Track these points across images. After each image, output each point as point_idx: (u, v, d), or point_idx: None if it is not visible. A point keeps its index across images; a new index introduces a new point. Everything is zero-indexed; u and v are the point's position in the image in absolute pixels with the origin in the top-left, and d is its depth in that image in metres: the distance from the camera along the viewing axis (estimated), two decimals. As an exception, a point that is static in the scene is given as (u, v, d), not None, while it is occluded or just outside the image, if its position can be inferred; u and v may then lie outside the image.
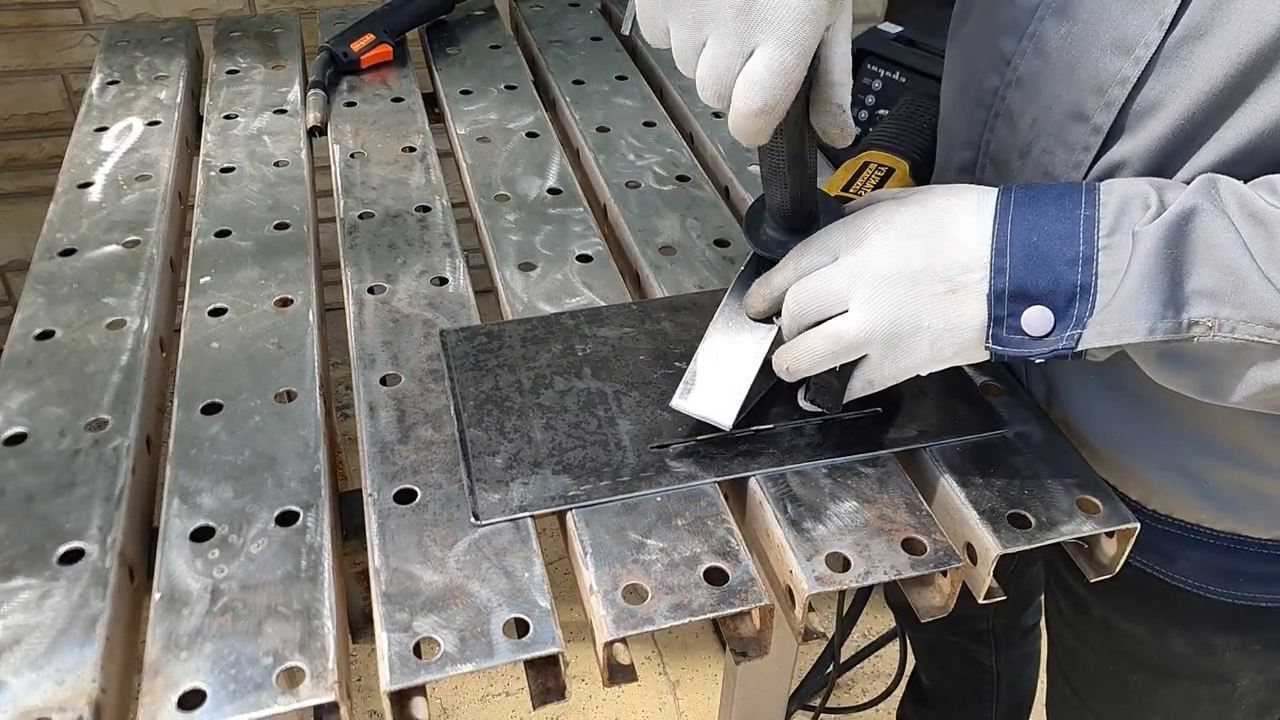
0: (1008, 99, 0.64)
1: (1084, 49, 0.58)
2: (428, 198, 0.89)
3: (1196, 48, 0.53)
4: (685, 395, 0.63)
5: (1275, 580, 0.70)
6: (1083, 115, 0.59)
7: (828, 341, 0.57)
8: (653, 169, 0.94)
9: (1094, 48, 0.58)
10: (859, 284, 0.56)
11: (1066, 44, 0.59)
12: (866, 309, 0.55)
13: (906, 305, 0.55)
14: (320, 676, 0.51)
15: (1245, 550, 0.69)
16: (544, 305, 0.77)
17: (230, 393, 0.67)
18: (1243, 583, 0.70)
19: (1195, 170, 0.56)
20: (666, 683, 1.66)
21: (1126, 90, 0.57)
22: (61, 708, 0.49)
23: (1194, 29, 0.53)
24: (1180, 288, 0.50)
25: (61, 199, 0.87)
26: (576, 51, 1.15)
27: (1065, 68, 0.60)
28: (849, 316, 0.56)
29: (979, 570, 0.60)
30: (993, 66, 0.65)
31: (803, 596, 0.56)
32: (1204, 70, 0.53)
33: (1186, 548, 0.70)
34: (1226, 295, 0.49)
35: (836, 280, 0.56)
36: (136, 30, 1.15)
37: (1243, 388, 0.52)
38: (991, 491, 0.62)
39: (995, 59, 0.65)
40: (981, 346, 0.55)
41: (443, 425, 0.66)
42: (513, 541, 0.58)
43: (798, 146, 0.55)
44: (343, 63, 1.09)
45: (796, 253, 0.59)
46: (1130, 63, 0.56)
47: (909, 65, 1.35)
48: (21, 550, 0.56)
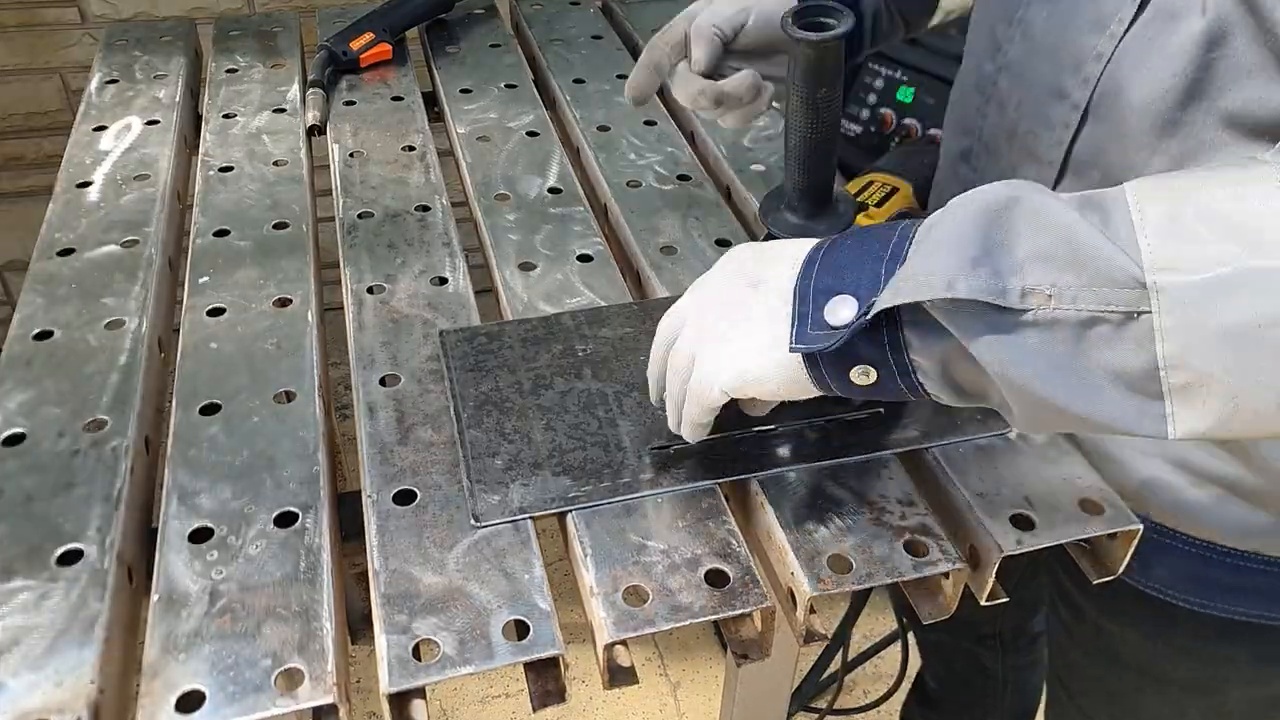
0: (998, 83, 0.67)
1: (1065, 29, 0.61)
2: (427, 197, 0.89)
3: (1166, 28, 0.54)
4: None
5: (1246, 593, 0.69)
6: (1062, 93, 0.61)
7: (678, 378, 0.57)
8: (654, 168, 0.93)
9: (1073, 27, 0.60)
10: (688, 318, 0.57)
11: (1050, 25, 0.62)
12: (690, 324, 0.56)
13: (715, 306, 0.55)
14: (319, 678, 0.50)
15: (1217, 559, 0.68)
16: (544, 305, 0.76)
17: (229, 393, 0.67)
18: (1216, 594, 0.70)
19: (1170, 161, 0.56)
20: (667, 684, 1.66)
21: (1101, 66, 0.58)
22: (60, 709, 0.49)
23: (1164, 8, 0.54)
24: (1007, 253, 0.44)
25: (60, 199, 0.86)
26: (577, 50, 1.15)
27: (1048, 49, 0.62)
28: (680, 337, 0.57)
29: (981, 572, 0.60)
30: (987, 53, 0.68)
31: (804, 598, 0.56)
32: (1171, 51, 0.54)
33: (1162, 553, 0.70)
34: (1062, 258, 0.43)
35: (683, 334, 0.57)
36: (135, 29, 1.15)
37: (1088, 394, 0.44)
38: (994, 493, 0.62)
39: (990, 45, 0.68)
40: (787, 348, 0.51)
41: (442, 426, 0.65)
42: (512, 543, 0.58)
43: (829, 130, 0.57)
44: (342, 61, 1.09)
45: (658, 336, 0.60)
46: (1105, 39, 0.58)
47: (910, 64, 1.35)
48: (20, 551, 0.56)
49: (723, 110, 0.75)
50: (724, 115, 0.76)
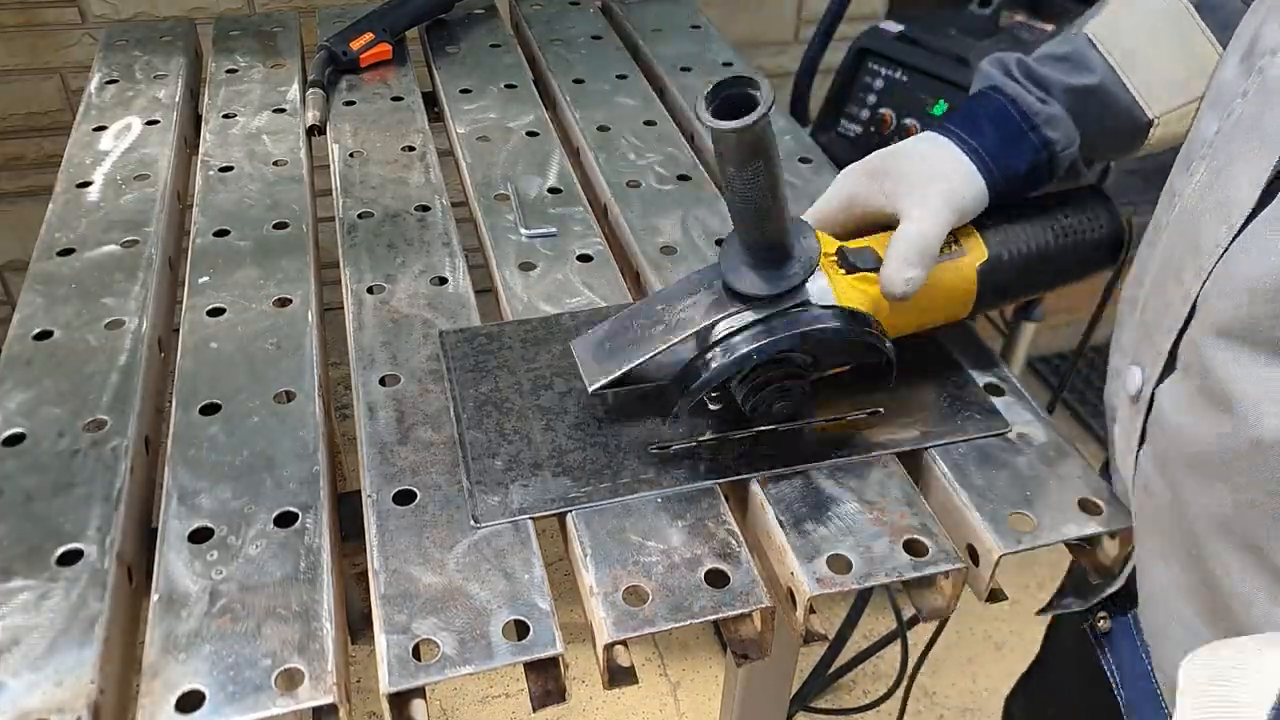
0: (1156, 245, 0.58)
1: (1199, 204, 0.52)
2: (427, 197, 0.89)
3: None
4: (583, 339, 0.65)
5: None
6: (1179, 278, 0.53)
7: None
8: (653, 168, 0.93)
9: (1204, 205, 0.52)
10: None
11: (1194, 196, 0.53)
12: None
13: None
14: (319, 678, 0.50)
15: None
16: (544, 305, 0.76)
17: (229, 393, 0.67)
18: None
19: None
20: (667, 684, 1.66)
21: (1214, 260, 0.50)
22: (60, 709, 0.49)
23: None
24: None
25: (60, 198, 0.86)
26: (577, 50, 1.15)
27: (1183, 223, 0.54)
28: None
29: (980, 571, 0.60)
30: (1165, 203, 0.60)
31: (804, 598, 0.56)
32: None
33: None
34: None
35: None
36: (135, 29, 1.15)
37: None
38: (993, 492, 0.62)
39: (1168, 195, 0.59)
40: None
41: (442, 426, 0.65)
42: (512, 543, 0.58)
43: (764, 202, 0.55)
44: (342, 61, 1.09)
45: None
46: (1224, 230, 0.49)
47: (910, 64, 1.35)
48: (20, 551, 0.56)
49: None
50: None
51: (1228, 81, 0.53)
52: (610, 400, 0.67)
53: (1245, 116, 0.50)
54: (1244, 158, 0.48)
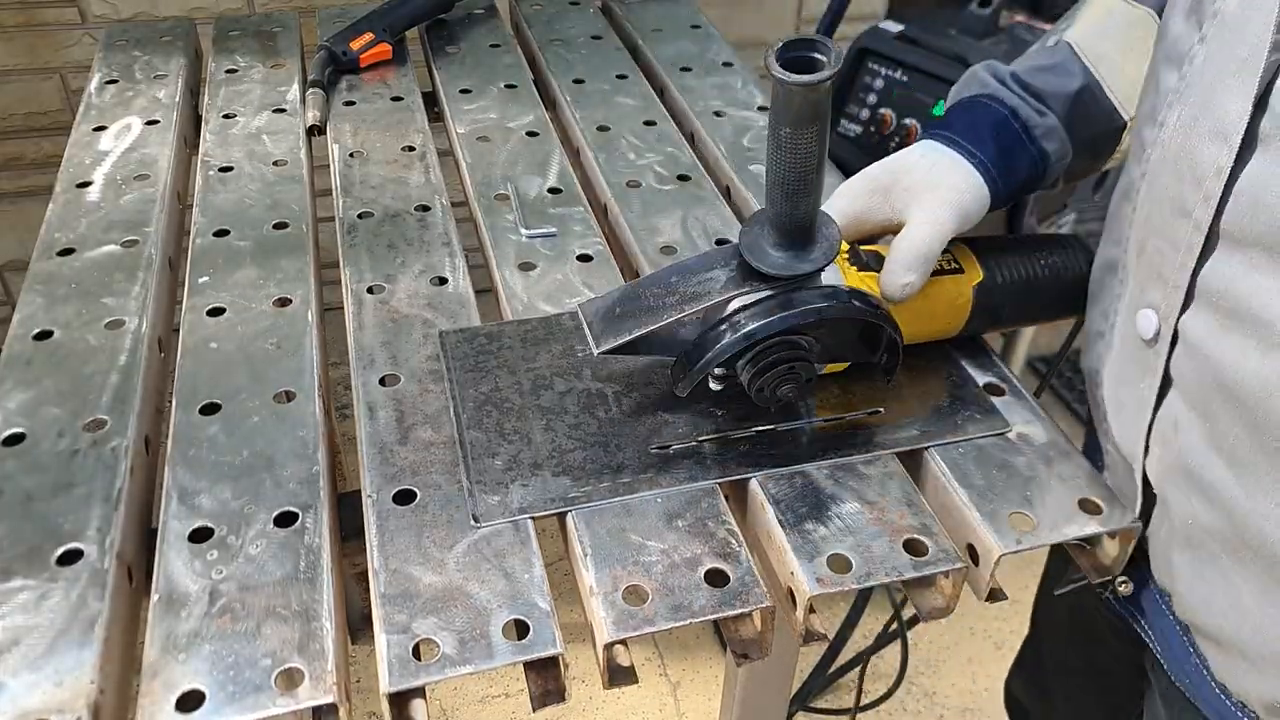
0: (1140, 190, 0.61)
1: (1189, 134, 0.54)
2: (427, 197, 0.89)
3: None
4: (590, 302, 0.64)
5: None
6: (1184, 210, 0.55)
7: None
8: (653, 168, 0.93)
9: (1195, 134, 0.54)
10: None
11: (1178, 129, 0.56)
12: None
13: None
14: (319, 678, 0.50)
15: None
16: (544, 305, 0.76)
17: (229, 393, 0.67)
18: None
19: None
20: (667, 684, 1.66)
21: (1220, 183, 0.52)
22: (60, 709, 0.49)
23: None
24: None
25: (60, 198, 0.86)
26: (577, 50, 1.15)
27: (1173, 157, 0.56)
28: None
29: (980, 571, 0.60)
30: (1135, 155, 0.62)
31: (804, 598, 0.56)
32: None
33: None
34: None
35: None
36: (135, 29, 1.15)
37: None
38: (993, 492, 0.62)
39: (1138, 146, 0.62)
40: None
41: (442, 426, 0.65)
42: (512, 543, 0.58)
43: (809, 170, 0.56)
44: (342, 61, 1.09)
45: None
46: (1225, 151, 0.52)
47: (910, 64, 1.35)
48: (20, 551, 0.56)
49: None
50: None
51: (1179, 36, 0.57)
52: (611, 400, 0.67)
53: (1213, 53, 0.53)
54: (1223, 85, 0.51)
